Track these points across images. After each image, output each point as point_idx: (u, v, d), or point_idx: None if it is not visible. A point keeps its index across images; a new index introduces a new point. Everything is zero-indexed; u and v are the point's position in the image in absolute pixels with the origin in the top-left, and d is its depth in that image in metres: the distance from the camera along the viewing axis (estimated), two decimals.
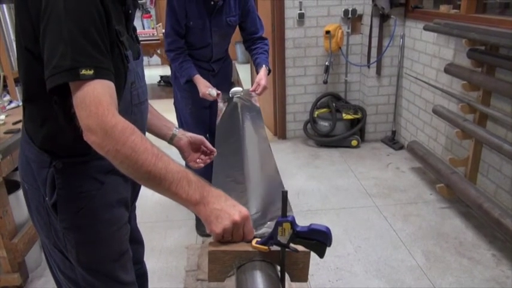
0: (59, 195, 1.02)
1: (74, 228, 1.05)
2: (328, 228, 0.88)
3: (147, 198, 3.08)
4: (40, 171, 1.02)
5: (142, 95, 1.11)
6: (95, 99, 0.80)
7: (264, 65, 2.26)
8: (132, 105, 1.06)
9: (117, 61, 0.94)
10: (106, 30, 0.87)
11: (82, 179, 0.91)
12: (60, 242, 1.08)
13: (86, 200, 1.03)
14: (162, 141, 1.38)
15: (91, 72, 0.80)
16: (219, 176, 1.33)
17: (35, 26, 0.86)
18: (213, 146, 2.43)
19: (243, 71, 5.90)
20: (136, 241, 1.41)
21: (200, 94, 2.22)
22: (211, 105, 2.43)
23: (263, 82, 2.20)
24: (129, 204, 1.19)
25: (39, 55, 0.87)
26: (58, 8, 0.81)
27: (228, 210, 0.85)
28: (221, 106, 2.11)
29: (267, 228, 0.96)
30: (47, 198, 1.04)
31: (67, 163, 1.00)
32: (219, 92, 2.22)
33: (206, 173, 2.45)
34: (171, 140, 1.35)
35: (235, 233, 0.86)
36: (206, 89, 2.19)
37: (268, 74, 2.29)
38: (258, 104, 2.05)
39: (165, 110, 1.71)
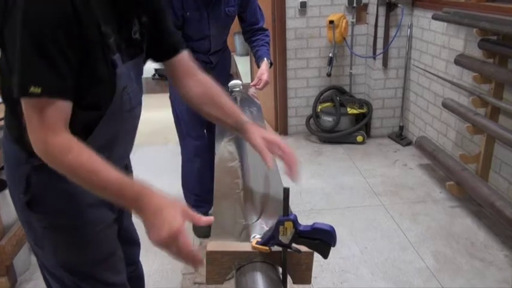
0: (33, 193, 1.04)
1: (51, 228, 1.07)
2: (332, 227, 0.88)
3: None
4: (17, 167, 1.04)
5: (135, 99, 1.11)
6: (39, 118, 0.86)
7: (265, 58, 2.25)
8: (124, 112, 1.07)
9: (101, 66, 0.94)
10: (75, 37, 0.86)
11: (58, 178, 0.92)
12: (39, 242, 1.10)
13: (62, 200, 1.05)
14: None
15: (38, 90, 0.83)
16: (220, 181, 1.33)
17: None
18: (212, 142, 2.43)
19: (242, 63, 5.89)
20: (130, 242, 1.41)
21: None
22: None
23: (265, 77, 2.19)
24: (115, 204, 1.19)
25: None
26: (16, 19, 0.81)
27: (158, 225, 0.89)
28: None
29: (267, 228, 0.97)
30: (21, 196, 1.06)
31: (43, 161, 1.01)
32: None
33: (207, 171, 2.43)
34: (239, 131, 1.23)
35: (169, 249, 0.90)
36: None
37: (270, 67, 2.29)
38: (258, 102, 2.04)
39: (159, 105, 1.71)
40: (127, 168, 1.27)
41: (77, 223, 1.08)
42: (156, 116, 4.96)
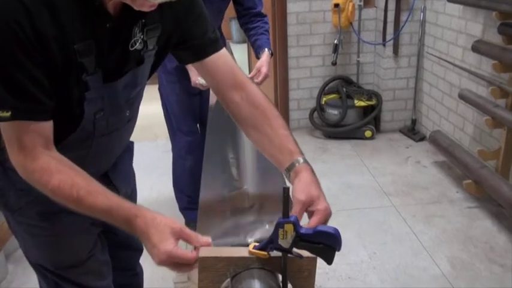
0: (2, 189, 1.08)
1: (21, 229, 1.11)
2: (336, 230, 0.88)
3: None
4: None
5: (118, 123, 1.09)
6: (17, 142, 0.90)
7: (266, 49, 2.24)
8: (95, 137, 1.06)
9: (71, 88, 0.94)
10: (41, 58, 0.87)
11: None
12: (15, 234, 1.16)
13: (25, 198, 1.07)
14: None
15: (8, 114, 0.87)
16: (212, 173, 1.33)
17: None
18: (205, 137, 2.43)
19: (239, 51, 5.87)
20: (124, 246, 1.42)
21: (192, 83, 2.22)
22: (201, 91, 2.42)
23: (264, 69, 2.17)
24: None
25: None
26: None
27: (150, 250, 0.93)
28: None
29: (264, 231, 0.97)
30: None
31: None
32: None
33: (196, 169, 2.43)
34: (288, 172, 1.05)
35: (170, 268, 0.93)
36: (197, 76, 2.19)
37: (271, 57, 2.28)
38: None
39: (148, 97, 1.71)
40: (107, 177, 1.25)
41: (47, 225, 1.10)
42: (144, 109, 4.92)
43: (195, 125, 2.55)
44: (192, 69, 2.23)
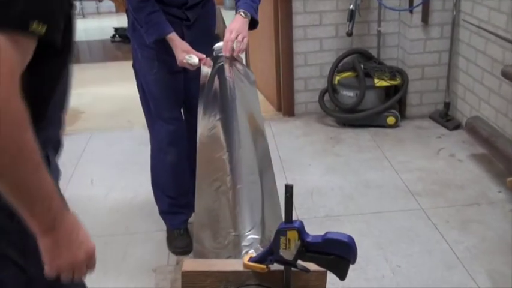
0: None
1: None
2: (350, 238, 0.88)
3: (99, 202, 3.08)
4: None
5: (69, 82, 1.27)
6: (19, 60, 0.92)
7: (241, 11, 2.23)
8: (67, 63, 1.21)
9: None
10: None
11: None
12: None
13: None
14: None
15: (43, 29, 0.93)
16: (204, 178, 1.34)
17: None
18: (191, 126, 2.43)
19: (231, 18, 5.88)
20: None
21: (178, 62, 2.22)
22: (186, 69, 2.42)
23: (232, 35, 2.15)
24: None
25: None
26: None
27: (75, 244, 1.03)
28: (206, 71, 2.11)
29: (261, 239, 0.98)
30: None
31: None
32: (203, 56, 2.21)
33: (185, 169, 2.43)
34: None
35: (76, 271, 1.05)
36: (184, 54, 2.19)
37: (253, 27, 2.27)
38: (252, 73, 2.05)
39: (121, 77, 1.71)
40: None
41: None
42: (116, 91, 4.94)
43: (179, 110, 2.54)
44: (176, 45, 2.22)
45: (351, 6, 3.79)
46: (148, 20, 2.22)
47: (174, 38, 2.23)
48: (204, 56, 2.22)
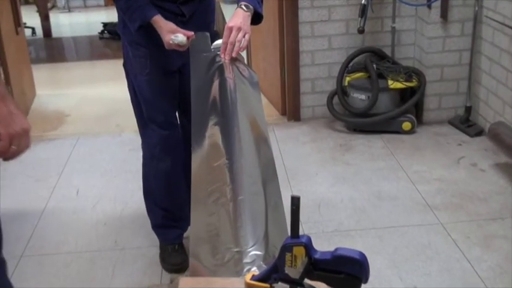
0: None
1: None
2: (362, 255, 0.89)
3: (85, 215, 3.09)
4: None
5: None
6: None
7: (242, 4, 2.20)
8: None
9: None
10: None
11: None
12: None
13: None
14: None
15: None
16: (201, 188, 1.34)
17: None
18: (187, 131, 2.43)
19: (231, 13, 5.89)
20: None
21: (165, 44, 2.21)
22: (182, 69, 2.43)
23: (232, 35, 2.09)
24: None
25: None
26: None
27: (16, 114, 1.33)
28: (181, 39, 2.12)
29: (265, 255, 0.98)
30: None
31: None
32: (191, 33, 2.19)
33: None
34: None
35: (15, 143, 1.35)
36: (170, 35, 2.18)
37: (257, 22, 2.25)
38: (254, 73, 2.05)
39: (110, 77, 1.72)
40: None
41: None
42: (105, 92, 4.95)
43: (173, 114, 2.55)
44: (161, 26, 2.21)
45: (363, 1, 3.80)
46: (130, 4, 2.22)
47: (158, 20, 2.21)
48: (192, 33, 2.19)
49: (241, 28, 2.07)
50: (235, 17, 2.11)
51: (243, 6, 2.13)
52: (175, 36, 2.18)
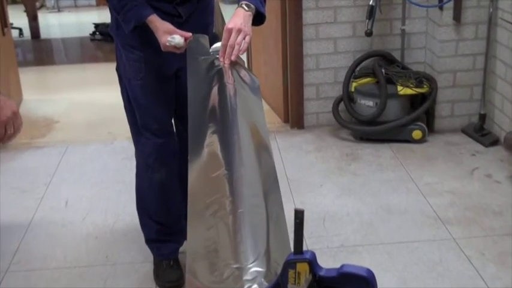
0: None
1: None
2: (370, 272, 0.89)
3: (74, 227, 3.08)
4: None
5: None
6: None
7: (243, 3, 2.19)
8: None
9: None
10: None
11: None
12: None
13: None
14: None
15: None
16: (198, 200, 1.35)
17: None
18: (184, 139, 2.44)
19: (230, 13, 5.90)
20: None
21: (161, 46, 2.21)
22: (179, 73, 2.43)
23: (230, 37, 2.09)
24: None
25: None
26: None
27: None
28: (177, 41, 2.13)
29: (266, 272, 0.98)
30: None
31: None
32: (189, 34, 2.19)
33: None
34: None
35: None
36: (167, 36, 2.19)
37: (260, 22, 2.26)
38: (255, 77, 2.05)
39: (102, 82, 1.73)
40: None
41: None
42: (96, 98, 4.95)
43: (169, 121, 2.55)
44: (157, 27, 2.21)
45: (371, 2, 3.80)
46: (124, 4, 2.22)
47: (154, 20, 2.20)
48: (190, 34, 2.18)
49: (241, 30, 2.06)
50: (235, 17, 2.11)
51: (244, 6, 2.13)
52: (172, 37, 2.18)
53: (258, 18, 2.19)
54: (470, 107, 4.08)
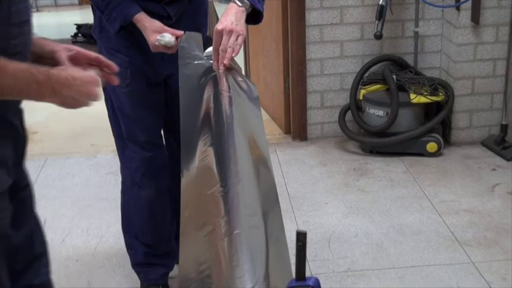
0: None
1: None
2: None
3: (53, 249, 3.07)
4: None
5: (24, 12, 1.47)
6: None
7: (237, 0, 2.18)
8: (11, 26, 1.41)
9: None
10: None
11: None
12: None
13: None
14: None
15: None
16: (191, 220, 1.35)
17: None
18: (174, 153, 2.44)
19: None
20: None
21: (150, 46, 2.21)
22: (169, 80, 2.44)
23: (221, 39, 2.08)
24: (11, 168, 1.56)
25: None
26: None
27: (80, 89, 1.49)
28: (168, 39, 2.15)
29: None
30: None
31: None
32: (181, 33, 2.19)
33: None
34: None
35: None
36: (156, 35, 2.19)
37: (256, 20, 2.26)
38: (253, 84, 2.06)
39: None
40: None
41: None
42: None
43: (158, 132, 2.55)
44: (145, 26, 2.20)
45: (381, 1, 3.82)
46: (108, 1, 2.22)
47: (142, 18, 2.19)
48: (181, 32, 2.17)
49: (232, 30, 2.03)
50: (226, 14, 2.07)
51: (237, 1, 2.10)
52: (161, 36, 2.17)
53: (255, 16, 2.17)
54: (491, 117, 4.08)
